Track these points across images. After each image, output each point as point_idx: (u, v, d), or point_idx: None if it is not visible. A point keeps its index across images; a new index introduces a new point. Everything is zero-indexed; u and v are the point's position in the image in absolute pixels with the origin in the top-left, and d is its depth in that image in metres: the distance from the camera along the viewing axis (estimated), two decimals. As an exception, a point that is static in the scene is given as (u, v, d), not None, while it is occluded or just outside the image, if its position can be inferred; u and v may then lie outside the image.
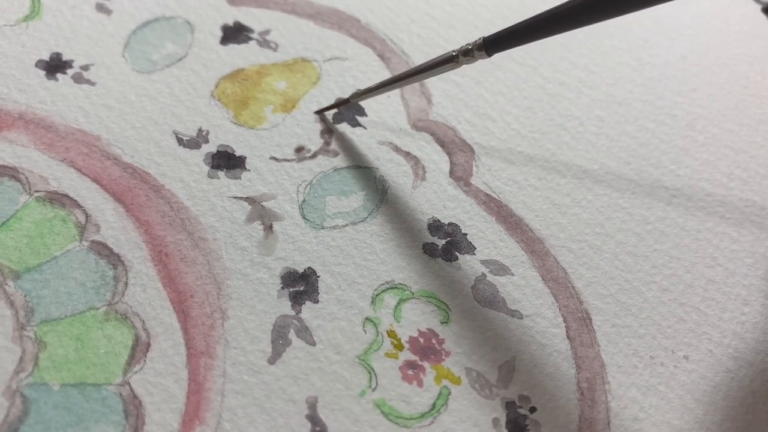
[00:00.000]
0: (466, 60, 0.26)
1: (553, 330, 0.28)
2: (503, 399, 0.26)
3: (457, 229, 0.30)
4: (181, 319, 0.26)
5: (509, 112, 0.35)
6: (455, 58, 0.26)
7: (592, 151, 0.34)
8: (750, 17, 0.41)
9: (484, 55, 0.25)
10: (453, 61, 0.26)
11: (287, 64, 0.35)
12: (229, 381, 0.25)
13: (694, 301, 0.29)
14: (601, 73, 0.37)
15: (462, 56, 0.26)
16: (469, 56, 0.26)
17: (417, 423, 0.25)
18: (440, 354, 0.27)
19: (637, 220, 0.32)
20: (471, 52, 0.26)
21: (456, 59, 0.26)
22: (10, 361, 0.25)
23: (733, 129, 0.35)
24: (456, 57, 0.26)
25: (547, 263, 0.30)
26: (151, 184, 0.30)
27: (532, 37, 0.24)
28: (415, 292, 0.28)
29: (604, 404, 0.27)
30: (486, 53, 0.25)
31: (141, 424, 0.24)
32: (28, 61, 0.33)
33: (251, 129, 0.32)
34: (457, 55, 0.26)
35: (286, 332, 0.27)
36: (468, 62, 0.26)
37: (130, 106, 0.32)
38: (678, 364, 0.28)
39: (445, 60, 0.27)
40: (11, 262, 0.27)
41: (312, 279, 0.28)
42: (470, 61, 0.26)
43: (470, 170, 0.32)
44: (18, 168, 0.29)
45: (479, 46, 0.25)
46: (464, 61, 0.26)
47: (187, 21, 0.36)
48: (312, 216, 0.30)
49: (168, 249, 0.28)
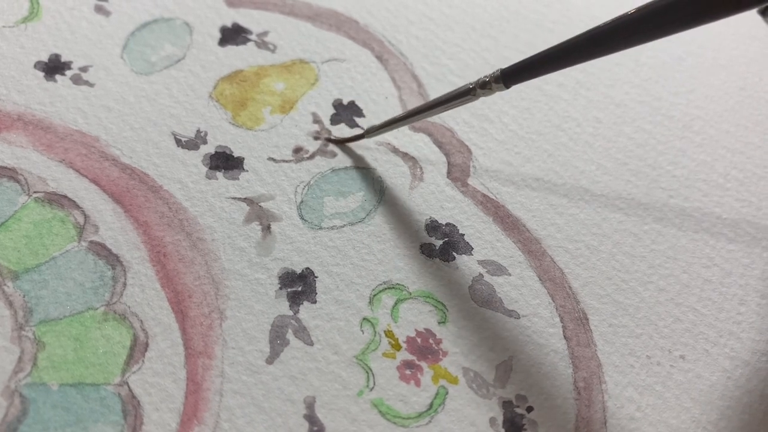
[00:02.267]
0: (483, 93, 0.26)
1: (550, 330, 0.28)
2: (500, 398, 0.26)
3: (455, 229, 0.30)
4: (180, 320, 0.27)
5: (507, 113, 0.35)
6: (472, 91, 0.26)
7: (590, 152, 0.34)
8: (747, 19, 0.41)
9: (502, 87, 0.25)
10: (470, 93, 0.26)
11: (285, 66, 0.35)
12: (228, 381, 0.26)
13: (690, 300, 0.30)
14: (598, 74, 0.37)
15: (479, 89, 0.26)
16: (487, 89, 0.25)
17: (414, 422, 0.26)
18: (437, 354, 0.27)
19: (633, 221, 0.32)
20: (489, 85, 0.25)
21: (473, 92, 0.26)
22: (9, 361, 0.25)
23: (730, 130, 0.36)
24: (473, 89, 0.26)
25: (544, 263, 0.30)
26: (149, 184, 0.30)
27: (550, 68, 0.23)
28: (413, 292, 0.28)
29: (600, 403, 0.27)
30: (504, 85, 0.25)
31: (139, 424, 0.24)
32: (27, 63, 0.33)
33: (249, 130, 0.32)
34: (475, 87, 0.26)
35: (284, 332, 0.27)
36: (485, 94, 0.26)
37: (129, 108, 0.32)
38: (674, 364, 0.28)
39: (461, 93, 0.26)
40: (10, 263, 0.27)
41: (310, 279, 0.28)
42: (487, 93, 0.26)
43: (468, 171, 0.32)
44: (17, 169, 0.29)
45: (496, 78, 0.25)
46: (481, 93, 0.26)
47: (185, 22, 0.36)
48: (310, 216, 0.30)
49: (166, 249, 0.28)
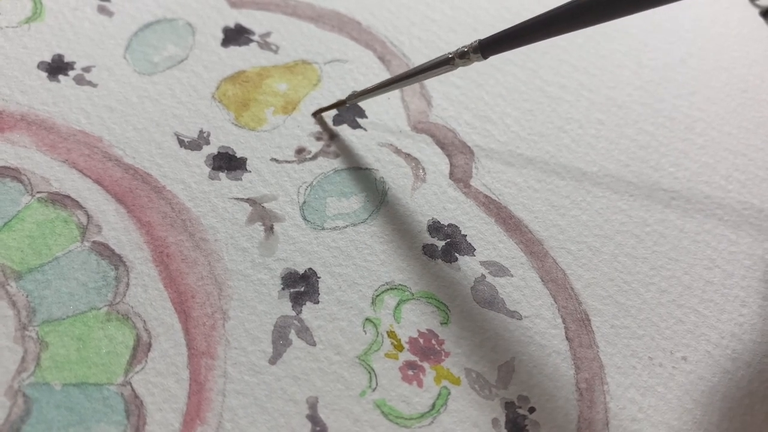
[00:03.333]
0: (462, 62, 0.26)
1: (552, 331, 0.28)
2: (502, 399, 0.26)
3: (457, 230, 0.30)
4: (182, 320, 0.27)
5: (509, 115, 0.35)
6: (451, 60, 0.26)
7: (592, 154, 0.34)
8: (748, 21, 0.41)
9: (480, 57, 0.25)
10: (449, 63, 0.27)
11: (288, 66, 0.35)
12: (230, 381, 0.26)
13: (692, 302, 0.30)
14: (600, 76, 0.37)
15: (458, 58, 0.26)
16: (465, 58, 0.26)
17: (417, 423, 0.26)
18: (440, 354, 0.27)
19: (635, 222, 0.32)
20: (467, 54, 0.26)
21: (452, 61, 0.26)
22: (12, 361, 0.25)
23: (732, 132, 0.36)
24: (452, 59, 0.26)
25: (546, 264, 0.30)
26: (152, 185, 0.30)
27: (528, 39, 0.24)
28: (415, 293, 0.28)
29: (602, 405, 0.27)
30: (482, 55, 0.25)
31: (142, 424, 0.24)
32: (30, 63, 0.33)
33: (252, 131, 0.32)
34: (453, 57, 0.26)
35: (287, 333, 0.27)
36: (464, 64, 0.26)
37: (132, 108, 0.32)
38: (676, 365, 0.28)
39: (440, 62, 0.27)
40: (13, 263, 0.27)
41: (312, 280, 0.28)
42: (466, 63, 0.26)
43: (470, 172, 0.32)
44: (20, 169, 0.29)
45: (475, 48, 0.25)
46: (460, 63, 0.26)
47: (188, 23, 0.36)
48: (312, 217, 0.30)
49: (169, 250, 0.28)
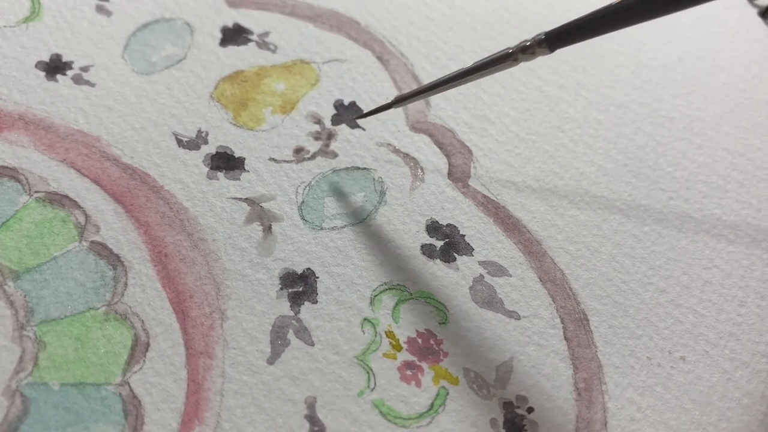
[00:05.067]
0: (525, 57, 0.24)
1: (551, 331, 0.28)
2: (501, 399, 0.26)
3: (456, 230, 0.30)
4: (181, 320, 0.27)
5: (507, 115, 0.35)
6: (513, 56, 0.24)
7: (590, 154, 0.34)
8: (747, 20, 0.41)
9: (546, 50, 0.23)
10: (510, 59, 0.24)
11: (286, 66, 0.35)
12: (228, 381, 0.26)
13: (690, 302, 0.30)
14: (599, 75, 0.37)
15: (520, 53, 0.24)
16: (529, 53, 0.23)
17: (415, 423, 0.26)
18: (438, 354, 0.27)
19: (634, 222, 0.32)
20: (531, 49, 0.23)
21: (514, 56, 0.24)
22: (10, 361, 0.25)
23: (730, 132, 0.36)
24: (514, 54, 0.24)
25: (545, 264, 0.30)
26: (150, 185, 0.30)
27: (600, 31, 0.22)
28: (414, 293, 0.28)
29: (601, 405, 0.27)
30: (548, 48, 0.23)
31: (140, 424, 0.24)
32: (28, 62, 0.33)
33: (250, 130, 0.32)
34: (515, 52, 0.24)
35: (285, 332, 0.27)
36: (527, 59, 0.24)
37: (130, 108, 0.32)
38: (675, 365, 0.28)
39: (500, 58, 0.24)
40: (11, 263, 0.27)
41: (311, 280, 0.28)
42: (529, 58, 0.24)
43: (468, 172, 0.32)
44: (18, 169, 0.29)
45: (540, 41, 0.23)
46: (523, 58, 0.24)
47: (186, 23, 0.36)
48: (311, 217, 0.30)
49: (167, 250, 0.28)
